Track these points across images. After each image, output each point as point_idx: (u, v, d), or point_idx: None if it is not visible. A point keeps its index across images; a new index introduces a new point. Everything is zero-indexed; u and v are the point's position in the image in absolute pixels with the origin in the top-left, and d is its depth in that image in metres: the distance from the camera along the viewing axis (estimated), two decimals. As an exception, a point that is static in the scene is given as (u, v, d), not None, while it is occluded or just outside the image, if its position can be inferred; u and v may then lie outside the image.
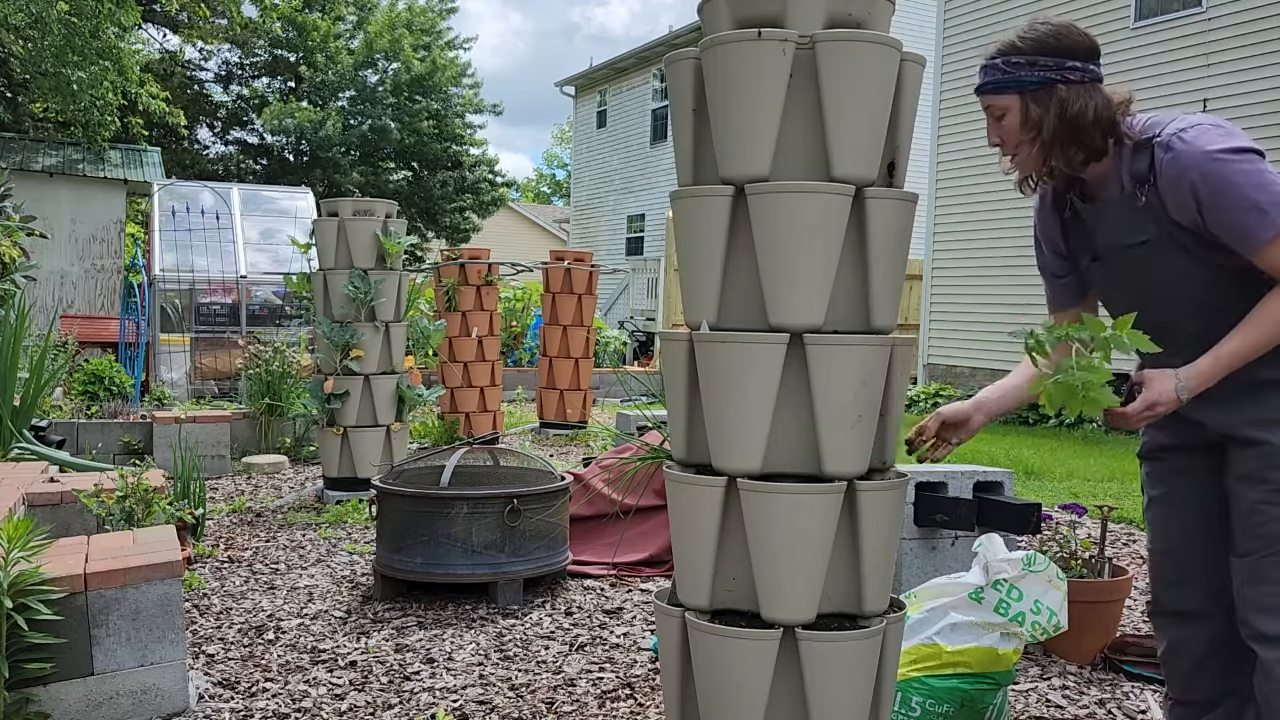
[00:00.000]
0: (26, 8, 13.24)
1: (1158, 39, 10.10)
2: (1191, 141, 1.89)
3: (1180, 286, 1.99)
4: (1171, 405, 1.93)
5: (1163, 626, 2.24)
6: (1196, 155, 1.87)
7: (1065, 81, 1.94)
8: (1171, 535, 2.19)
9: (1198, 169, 1.87)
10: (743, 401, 1.87)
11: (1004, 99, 2.00)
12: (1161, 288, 2.01)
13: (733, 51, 1.86)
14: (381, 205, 5.98)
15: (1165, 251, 1.96)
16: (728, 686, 1.91)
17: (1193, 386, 1.91)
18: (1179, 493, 2.17)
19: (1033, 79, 1.95)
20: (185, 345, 10.80)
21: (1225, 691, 2.14)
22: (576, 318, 9.14)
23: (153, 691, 2.78)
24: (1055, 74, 1.94)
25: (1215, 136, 1.89)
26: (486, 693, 3.04)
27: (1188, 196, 1.89)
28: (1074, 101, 1.93)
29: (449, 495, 3.88)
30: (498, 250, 11.18)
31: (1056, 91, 1.94)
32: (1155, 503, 2.22)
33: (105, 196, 15.16)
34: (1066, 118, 1.94)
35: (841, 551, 1.92)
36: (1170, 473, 2.18)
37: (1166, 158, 1.91)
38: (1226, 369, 1.91)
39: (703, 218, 1.93)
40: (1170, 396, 1.92)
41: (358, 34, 24.04)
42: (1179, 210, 1.91)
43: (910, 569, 3.54)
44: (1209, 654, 2.14)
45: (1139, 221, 1.97)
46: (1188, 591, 2.16)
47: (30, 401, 5.48)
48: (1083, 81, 1.95)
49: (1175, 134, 1.91)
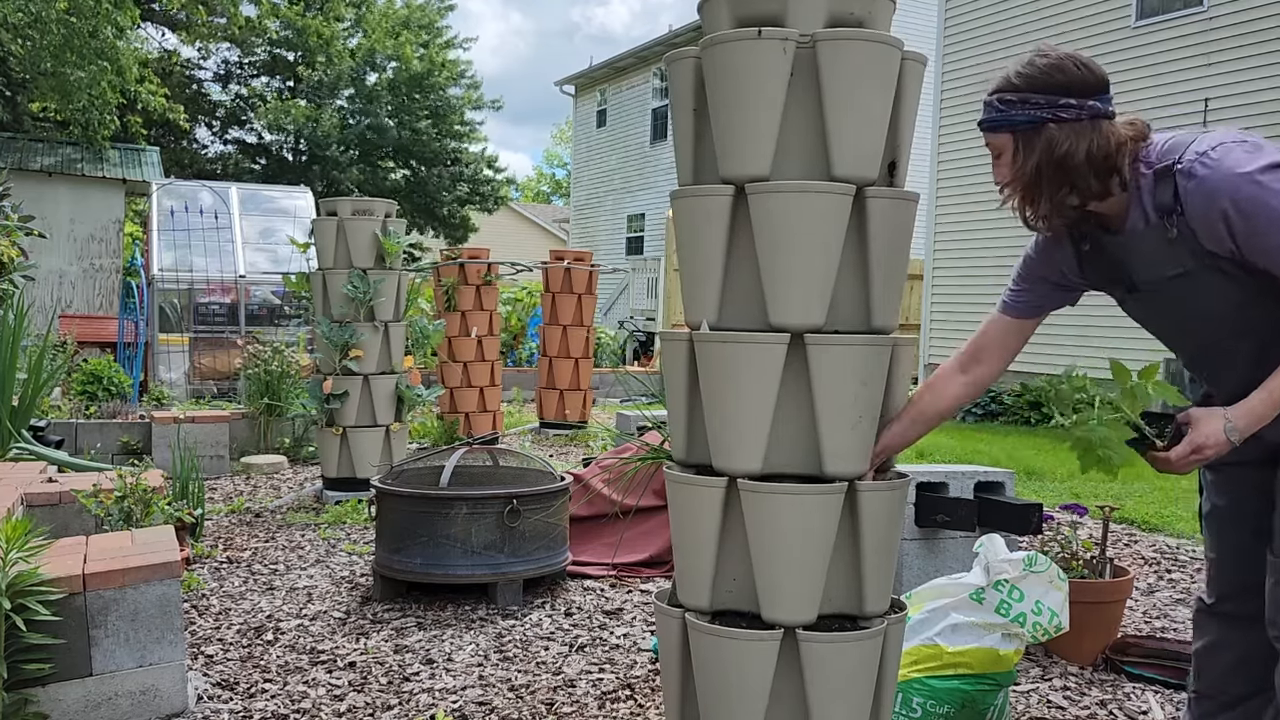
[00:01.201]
0: (26, 7, 13.22)
1: (1158, 39, 10.09)
2: (1215, 166, 1.79)
3: (1223, 310, 1.91)
4: (1221, 448, 1.84)
5: (1205, 624, 2.22)
6: (1225, 179, 1.77)
7: (1057, 120, 1.84)
8: (1228, 545, 2.16)
9: (1229, 194, 1.76)
10: (743, 402, 1.87)
11: (999, 138, 1.91)
12: (1205, 314, 1.93)
13: (733, 50, 1.86)
14: (380, 205, 5.98)
15: (1205, 279, 1.88)
16: (728, 687, 1.90)
17: (1243, 427, 1.83)
18: (1241, 505, 2.11)
19: (1023, 118, 1.86)
20: (184, 345, 10.80)
21: (1252, 690, 2.13)
22: (576, 318, 9.13)
23: (151, 692, 2.77)
24: (1046, 112, 1.84)
25: (1241, 156, 1.78)
26: (486, 694, 3.04)
27: (1219, 226, 1.79)
28: (1062, 142, 1.83)
29: (448, 495, 3.87)
30: (498, 250, 11.17)
31: (1046, 130, 1.84)
32: (1216, 512, 2.18)
33: (104, 196, 15.15)
34: (1054, 159, 1.84)
35: (842, 552, 1.91)
36: (1234, 484, 2.12)
37: (1190, 185, 1.81)
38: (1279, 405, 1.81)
39: (703, 217, 1.93)
40: (1219, 439, 1.83)
41: (356, 32, 24.02)
42: (1212, 240, 1.82)
43: (911, 569, 3.54)
44: (1247, 654, 2.12)
45: (1174, 253, 1.88)
46: (1240, 599, 2.13)
47: (29, 401, 5.47)
48: (1078, 120, 1.84)
49: (1197, 159, 1.80)
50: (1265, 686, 2.09)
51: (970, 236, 12.26)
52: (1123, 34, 10.32)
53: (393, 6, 24.24)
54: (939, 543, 3.62)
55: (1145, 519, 5.58)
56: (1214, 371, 2.02)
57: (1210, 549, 2.22)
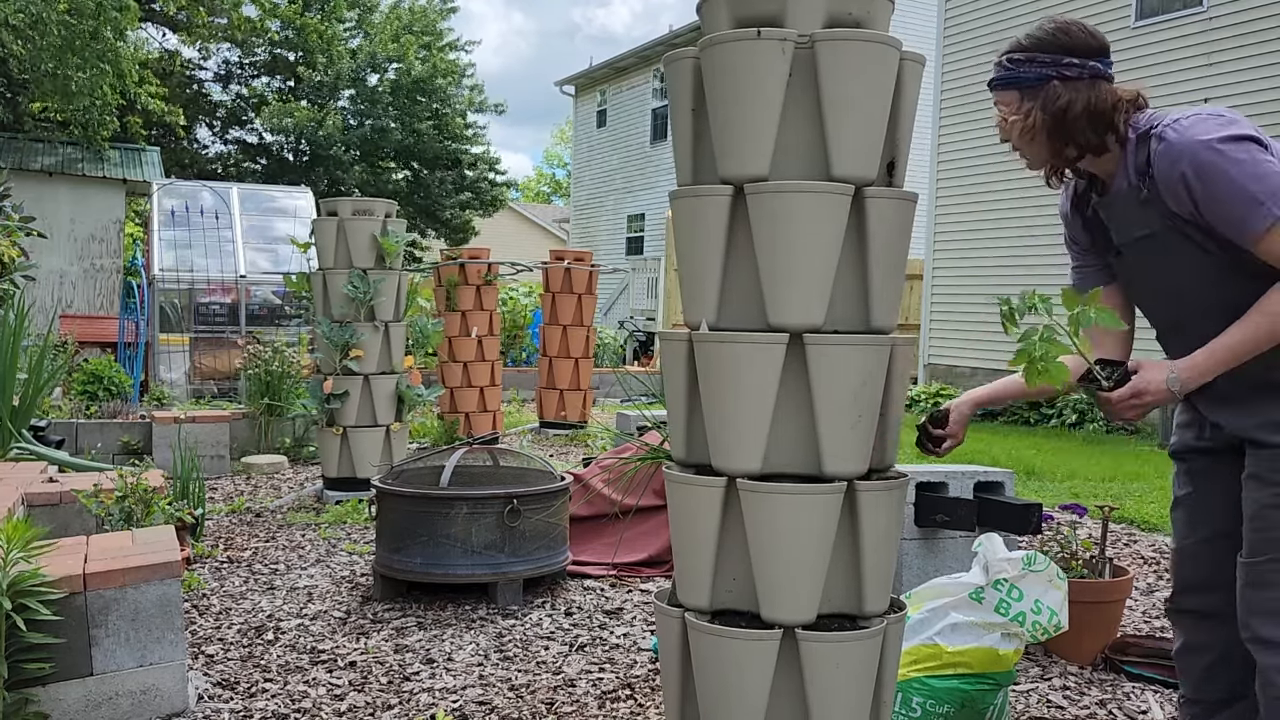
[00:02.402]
0: (27, 8, 13.22)
1: (1158, 38, 10.10)
2: (1184, 131, 1.87)
3: (1190, 283, 1.97)
4: (1161, 397, 1.89)
5: (1180, 624, 2.23)
6: (1188, 144, 1.85)
7: (1061, 78, 1.96)
8: (1193, 536, 2.17)
9: (1190, 159, 1.84)
10: (742, 401, 1.87)
11: (1006, 95, 2.03)
12: (1173, 284, 1.99)
13: (732, 51, 1.86)
14: (381, 205, 5.98)
15: (1171, 245, 1.94)
16: (728, 687, 1.90)
17: (1185, 379, 1.88)
18: (1203, 495, 2.14)
19: (1030, 75, 1.98)
20: (184, 345, 10.80)
21: (1238, 692, 2.12)
22: (576, 317, 9.13)
23: (152, 692, 2.77)
24: (1051, 70, 1.96)
25: (1211, 125, 1.86)
26: (486, 693, 3.04)
27: (1179, 187, 1.87)
28: (1063, 95, 1.95)
29: (448, 495, 3.88)
30: (498, 250, 11.17)
31: (1050, 87, 1.96)
32: (1180, 503, 2.20)
33: (104, 196, 15.16)
34: (1052, 111, 1.96)
35: (841, 552, 1.91)
36: (1196, 474, 2.15)
37: (1159, 148, 1.90)
38: (1223, 363, 1.87)
39: (702, 217, 1.93)
40: (1160, 387, 1.88)
41: (358, 33, 24.01)
42: (1174, 202, 1.90)
43: (910, 569, 3.54)
44: (1225, 655, 2.12)
45: (1143, 214, 1.96)
46: (1206, 593, 2.13)
47: (29, 401, 5.48)
48: (1079, 78, 1.95)
49: (1169, 124, 1.90)
50: (1244, 693, 2.08)
51: (970, 236, 12.26)
52: (1123, 34, 10.32)
53: (395, 10, 24.22)
54: (939, 542, 3.62)
55: (1145, 519, 5.58)
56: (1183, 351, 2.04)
57: (1176, 540, 2.24)
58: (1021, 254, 11.13)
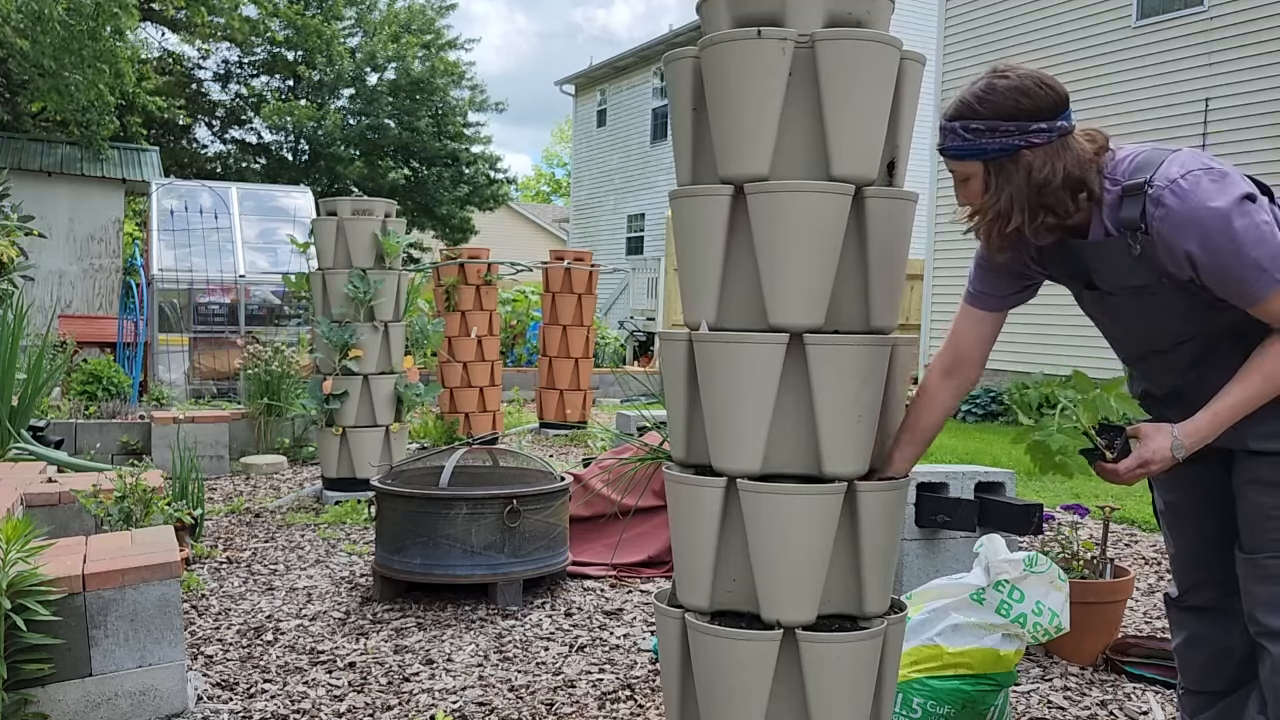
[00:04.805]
0: (26, 7, 13.21)
1: (1158, 39, 10.09)
2: (1185, 197, 1.77)
3: (1173, 322, 1.95)
4: (1166, 464, 1.88)
5: (1180, 620, 2.24)
6: (1192, 213, 1.76)
7: (1030, 146, 1.82)
8: (1188, 539, 2.18)
9: (1196, 230, 1.76)
10: (742, 402, 1.87)
11: (966, 166, 1.89)
12: (1155, 323, 1.97)
13: (732, 50, 1.86)
14: (380, 204, 5.98)
15: (1163, 295, 1.90)
16: (728, 688, 1.90)
17: (1189, 445, 1.87)
18: (1192, 498, 2.14)
19: (994, 147, 1.83)
20: (184, 345, 10.79)
21: (1236, 684, 2.14)
22: (576, 318, 9.13)
23: (151, 692, 2.77)
24: (1018, 139, 1.82)
25: (1210, 189, 1.77)
26: (486, 694, 3.04)
27: (1183, 258, 1.80)
28: (1040, 168, 1.82)
29: (448, 496, 3.87)
30: (498, 250, 11.17)
31: (1022, 158, 1.82)
32: (1169, 508, 2.21)
33: (103, 196, 15.15)
34: (1033, 185, 1.83)
35: (842, 552, 1.91)
36: (1181, 479, 2.13)
37: (1158, 213, 1.80)
38: (1225, 424, 1.86)
39: (702, 217, 1.93)
40: (1165, 455, 1.87)
41: (356, 31, 23.99)
42: (1174, 266, 1.83)
43: (911, 569, 3.54)
44: (1225, 648, 2.15)
45: (1136, 268, 1.89)
46: (1207, 590, 2.16)
47: (28, 401, 5.47)
48: (1049, 143, 1.82)
49: (1168, 187, 1.79)
50: (1245, 681, 2.11)
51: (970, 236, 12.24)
52: (1123, 34, 10.31)
53: (393, 8, 24.20)
54: (939, 543, 3.62)
55: (1146, 519, 5.57)
56: (1155, 372, 2.05)
57: (1168, 544, 2.25)
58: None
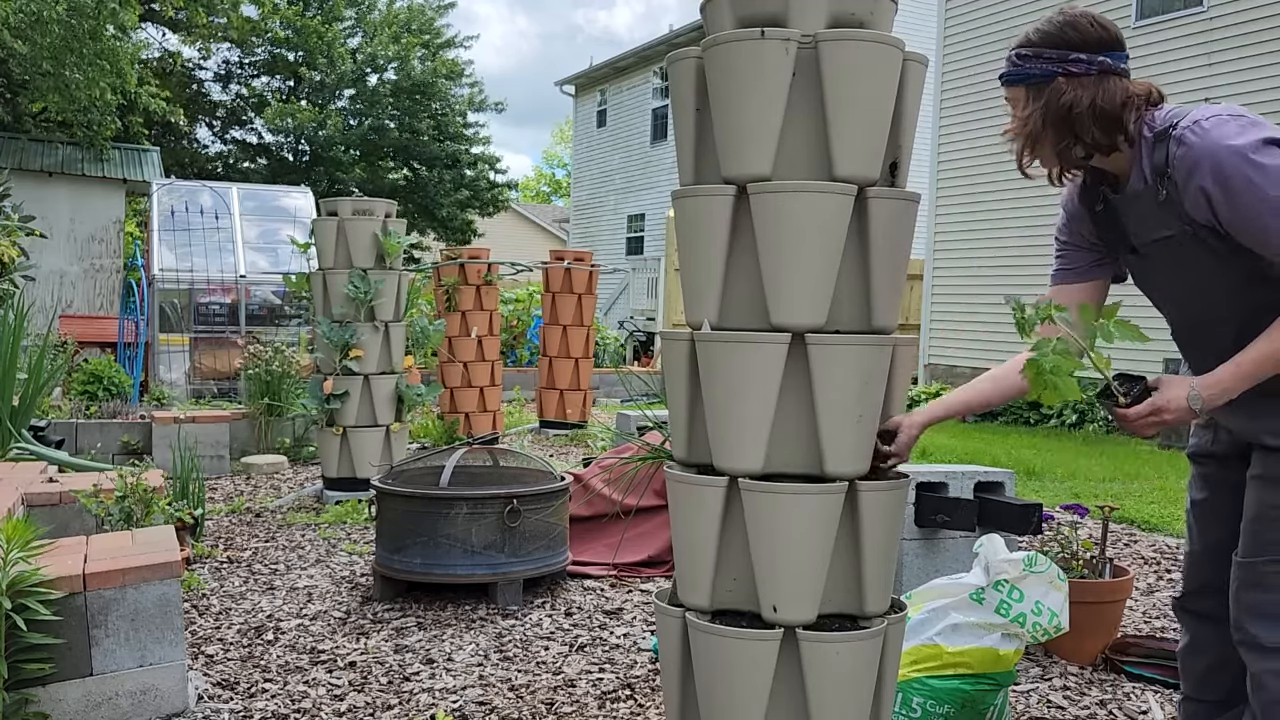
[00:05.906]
0: (26, 7, 13.21)
1: (1159, 38, 10.10)
2: (1204, 135, 1.80)
3: (1209, 288, 1.92)
4: (1182, 415, 1.84)
5: (1186, 622, 2.22)
6: (1210, 150, 1.78)
7: (1066, 74, 1.89)
8: (1206, 540, 2.16)
9: (1211, 165, 1.77)
10: (744, 401, 1.87)
11: (1014, 91, 1.97)
12: (1192, 286, 1.95)
13: (735, 51, 1.86)
14: (381, 205, 5.98)
15: (1191, 249, 1.89)
16: (728, 687, 1.90)
17: (1208, 397, 1.82)
18: (1218, 500, 2.12)
19: (1036, 72, 1.92)
20: (184, 345, 10.79)
21: (1236, 696, 2.11)
22: (576, 318, 9.13)
23: (152, 692, 2.77)
24: (1056, 66, 1.90)
25: (1232, 129, 1.79)
26: (486, 693, 3.04)
27: (1199, 195, 1.80)
28: (1067, 94, 1.88)
29: (448, 495, 3.87)
30: (498, 250, 11.17)
31: (1056, 83, 1.90)
32: (1196, 506, 2.19)
33: (104, 196, 15.16)
34: (1055, 109, 1.89)
35: (842, 552, 1.91)
36: (1209, 479, 2.13)
37: (1179, 152, 1.82)
38: (1249, 379, 1.82)
39: (704, 217, 1.93)
40: (1180, 405, 1.83)
41: (356, 32, 23.98)
42: (1194, 208, 1.83)
43: (911, 569, 3.54)
44: (1224, 658, 2.11)
45: (1163, 216, 1.90)
46: (1210, 596, 2.13)
47: (29, 401, 5.47)
48: (1087, 74, 1.89)
49: (1190, 126, 1.83)
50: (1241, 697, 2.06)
51: (970, 236, 12.26)
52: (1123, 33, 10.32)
53: (393, 9, 24.19)
54: (939, 543, 3.62)
55: (1145, 519, 5.58)
56: (1201, 356, 2.02)
57: (1189, 542, 2.23)
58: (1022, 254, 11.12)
